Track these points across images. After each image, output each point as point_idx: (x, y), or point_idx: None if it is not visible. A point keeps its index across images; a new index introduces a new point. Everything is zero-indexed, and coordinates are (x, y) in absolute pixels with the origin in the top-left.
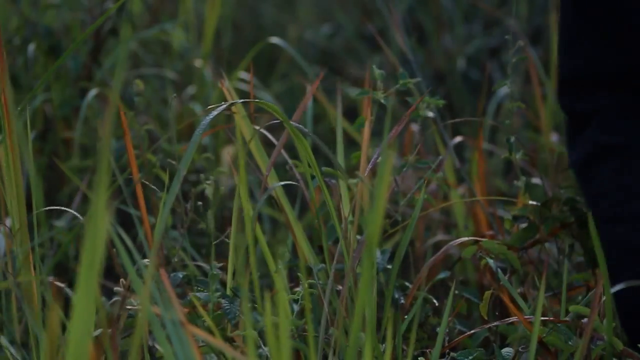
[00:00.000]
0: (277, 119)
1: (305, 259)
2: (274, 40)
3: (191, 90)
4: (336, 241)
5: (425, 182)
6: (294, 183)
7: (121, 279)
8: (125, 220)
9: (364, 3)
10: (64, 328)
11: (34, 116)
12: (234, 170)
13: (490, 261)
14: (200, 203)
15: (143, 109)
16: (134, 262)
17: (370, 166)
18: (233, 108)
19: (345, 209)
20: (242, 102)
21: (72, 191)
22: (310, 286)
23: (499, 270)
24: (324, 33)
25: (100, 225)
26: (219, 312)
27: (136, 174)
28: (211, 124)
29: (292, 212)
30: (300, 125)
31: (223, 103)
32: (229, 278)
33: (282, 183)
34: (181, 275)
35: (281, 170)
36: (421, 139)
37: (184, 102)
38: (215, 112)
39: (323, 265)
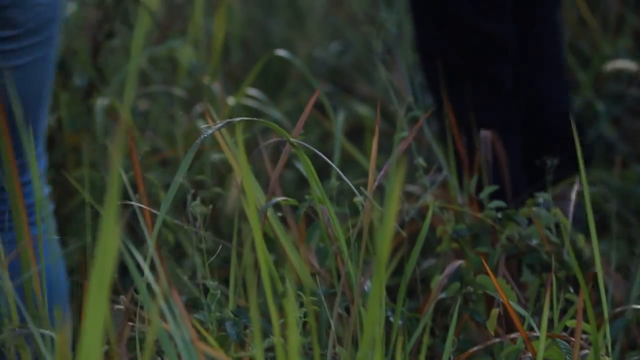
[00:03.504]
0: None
1: (299, 280)
2: (281, 53)
3: (200, 107)
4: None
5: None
6: (293, 203)
7: (121, 296)
8: (135, 237)
9: (374, 20)
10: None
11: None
12: (236, 189)
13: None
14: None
15: (151, 126)
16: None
17: (375, 183)
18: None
19: (337, 231)
20: (248, 120)
21: (80, 204)
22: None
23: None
24: (334, 51)
25: (111, 243)
26: (222, 333)
27: (142, 191)
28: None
29: (284, 235)
30: (305, 143)
31: (228, 119)
32: (231, 297)
33: (275, 201)
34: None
35: (292, 186)
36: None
37: (192, 119)
38: (215, 128)
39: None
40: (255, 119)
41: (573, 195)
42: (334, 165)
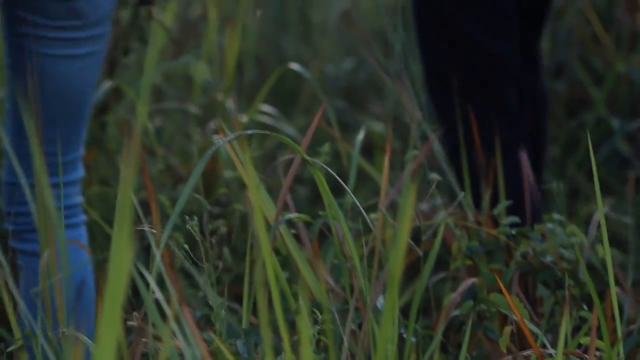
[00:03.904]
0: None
1: (312, 296)
2: (294, 66)
3: (214, 124)
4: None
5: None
6: (307, 219)
7: (134, 313)
8: (147, 255)
9: (385, 37)
10: None
11: None
12: (249, 205)
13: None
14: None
15: (165, 143)
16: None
17: (387, 200)
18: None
19: (351, 248)
20: (262, 137)
21: (91, 223)
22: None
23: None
24: (346, 67)
25: (123, 262)
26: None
27: (155, 213)
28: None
29: (297, 251)
30: (317, 160)
31: (239, 132)
32: (244, 314)
33: (288, 217)
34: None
35: (306, 202)
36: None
37: (206, 136)
38: (226, 139)
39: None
40: (268, 132)
41: (595, 218)
42: (345, 186)
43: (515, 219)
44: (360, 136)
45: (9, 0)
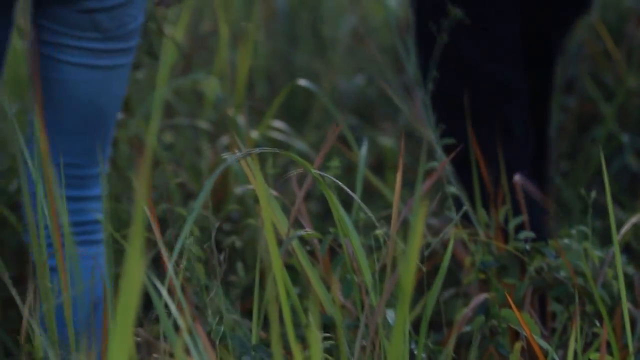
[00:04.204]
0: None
1: (323, 311)
2: (304, 83)
3: (225, 140)
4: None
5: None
6: (317, 236)
7: (145, 328)
8: (160, 270)
9: (396, 54)
10: None
11: None
12: (261, 221)
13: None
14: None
15: (176, 159)
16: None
17: (400, 219)
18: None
19: (362, 264)
20: (274, 153)
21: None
22: (330, 338)
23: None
24: (358, 83)
25: (135, 277)
26: None
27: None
28: (245, 175)
29: (310, 266)
30: (329, 176)
31: (249, 150)
32: (254, 330)
33: (300, 233)
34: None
35: (317, 218)
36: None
37: (217, 152)
38: (237, 156)
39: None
40: (277, 150)
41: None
42: (357, 199)
43: (530, 234)
44: (364, 150)
45: (34, 10)
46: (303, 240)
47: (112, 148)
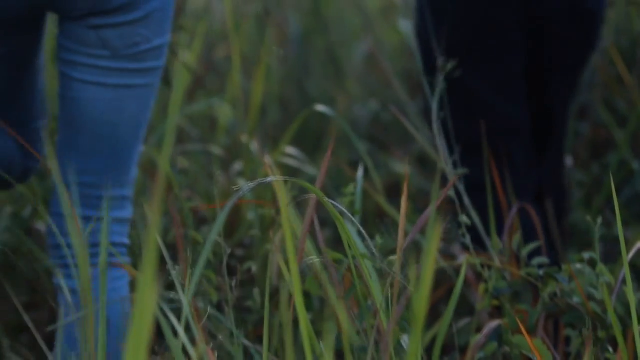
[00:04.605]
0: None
1: (347, 337)
2: (321, 108)
3: (238, 166)
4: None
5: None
6: (339, 257)
7: (155, 354)
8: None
9: (411, 78)
10: None
11: None
12: (276, 248)
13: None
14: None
15: (189, 185)
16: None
17: (406, 243)
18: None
19: (374, 291)
20: (284, 180)
21: None
22: None
23: None
24: (371, 109)
25: (148, 305)
26: None
27: (182, 253)
28: (257, 200)
29: (333, 291)
30: (340, 206)
31: (261, 179)
32: (264, 356)
33: (313, 259)
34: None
35: (332, 243)
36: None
37: (230, 178)
38: (251, 186)
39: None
40: (289, 178)
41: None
42: (361, 229)
43: (543, 259)
44: (360, 173)
45: (41, 28)
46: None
47: None
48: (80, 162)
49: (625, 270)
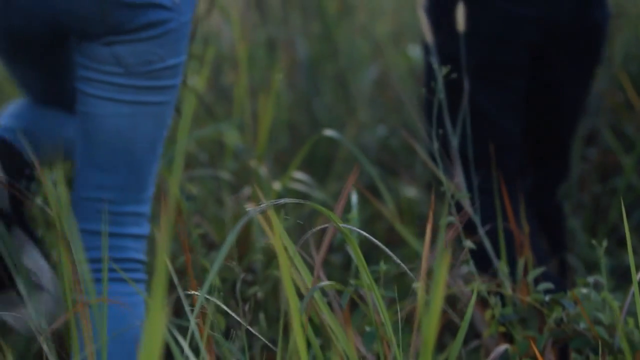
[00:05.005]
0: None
1: None
2: (330, 133)
3: (247, 190)
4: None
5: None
6: (339, 288)
7: None
8: (183, 318)
9: (419, 104)
10: None
11: None
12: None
13: None
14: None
15: (199, 210)
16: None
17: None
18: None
19: (384, 315)
20: (296, 204)
21: None
22: None
23: None
24: (380, 133)
25: (157, 330)
26: None
27: (193, 282)
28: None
29: (333, 318)
30: (352, 227)
31: (272, 202)
32: None
33: (320, 285)
34: None
35: (339, 268)
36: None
37: (239, 203)
38: (260, 209)
39: None
40: (302, 201)
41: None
42: (384, 247)
43: (549, 285)
44: (355, 198)
45: (64, 45)
46: (323, 292)
47: None
48: (97, 177)
49: (635, 292)
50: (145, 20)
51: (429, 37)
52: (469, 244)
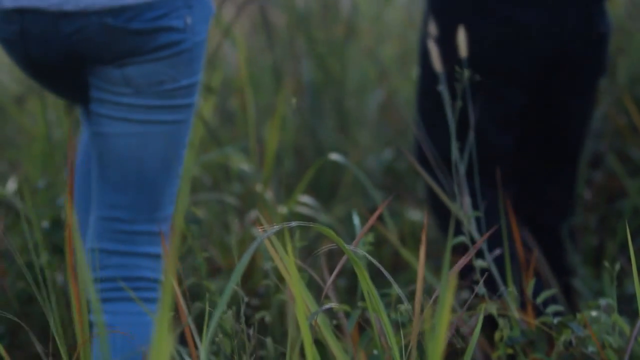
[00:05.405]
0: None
1: None
2: (335, 157)
3: (253, 214)
4: None
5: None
6: (347, 309)
7: None
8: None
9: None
10: None
11: None
12: (290, 296)
13: None
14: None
15: (204, 234)
16: None
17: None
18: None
19: (390, 339)
20: (302, 228)
21: None
22: None
23: None
24: (386, 157)
25: (164, 354)
26: None
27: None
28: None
29: (335, 342)
30: (359, 250)
31: (281, 225)
32: None
33: (325, 307)
34: None
35: (346, 291)
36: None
37: (245, 227)
38: (269, 233)
39: None
40: (310, 224)
41: None
42: (386, 273)
43: (559, 307)
44: (356, 220)
45: (85, 69)
46: (331, 315)
47: None
48: (110, 196)
49: None
50: (156, 44)
51: (437, 65)
52: (480, 263)
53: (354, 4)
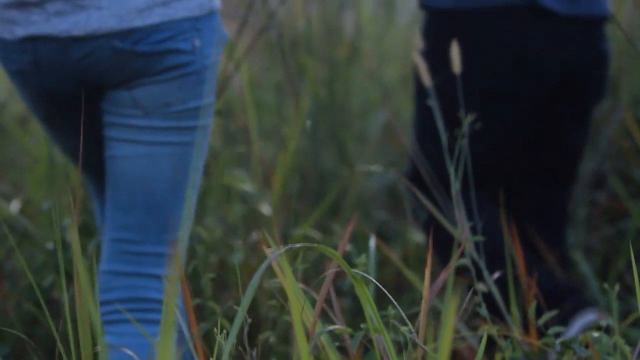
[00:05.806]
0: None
1: None
2: (338, 178)
3: (255, 235)
4: None
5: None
6: (351, 332)
7: None
8: None
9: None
10: None
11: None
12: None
13: None
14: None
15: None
16: None
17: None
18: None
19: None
20: (306, 250)
21: None
22: None
23: None
24: (389, 179)
25: None
26: None
27: (195, 328)
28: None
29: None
30: (363, 273)
31: (288, 246)
32: None
33: (329, 329)
34: None
35: (350, 312)
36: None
37: (248, 248)
38: (276, 254)
39: None
40: (315, 244)
41: None
42: (389, 295)
43: (560, 329)
44: (372, 243)
45: (94, 93)
46: (334, 337)
47: None
48: (119, 218)
49: None
50: (164, 65)
51: (427, 80)
52: (481, 287)
53: (357, 25)
